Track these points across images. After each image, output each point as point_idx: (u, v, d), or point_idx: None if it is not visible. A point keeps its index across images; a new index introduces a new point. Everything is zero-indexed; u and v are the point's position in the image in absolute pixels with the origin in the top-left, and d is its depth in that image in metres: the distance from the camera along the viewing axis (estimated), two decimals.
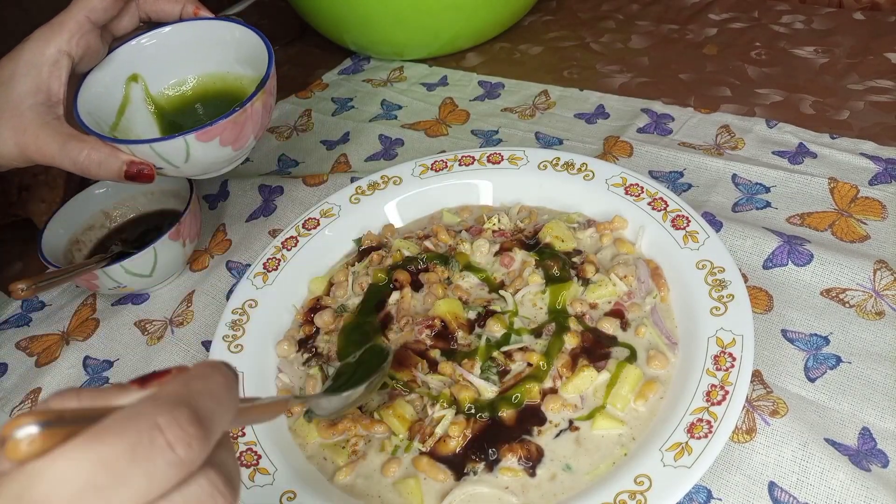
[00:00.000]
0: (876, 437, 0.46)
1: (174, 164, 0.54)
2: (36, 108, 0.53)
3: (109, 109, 0.59)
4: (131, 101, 0.60)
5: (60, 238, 0.69)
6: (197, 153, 0.53)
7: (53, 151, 0.53)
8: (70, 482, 0.22)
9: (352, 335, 0.56)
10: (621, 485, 0.43)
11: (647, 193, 0.60)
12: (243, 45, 0.59)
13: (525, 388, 0.50)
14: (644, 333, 0.53)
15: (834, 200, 0.62)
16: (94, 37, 0.56)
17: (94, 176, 0.54)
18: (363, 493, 0.48)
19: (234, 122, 0.53)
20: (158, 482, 0.23)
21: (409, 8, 0.85)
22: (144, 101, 0.61)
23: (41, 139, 0.52)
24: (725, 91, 0.78)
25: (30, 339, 0.69)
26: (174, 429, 0.24)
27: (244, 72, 0.61)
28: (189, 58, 0.61)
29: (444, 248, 0.62)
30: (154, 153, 0.53)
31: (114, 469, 0.22)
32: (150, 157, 0.53)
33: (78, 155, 0.52)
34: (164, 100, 0.61)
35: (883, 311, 0.53)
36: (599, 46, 0.90)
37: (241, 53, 0.60)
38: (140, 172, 0.54)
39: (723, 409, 0.44)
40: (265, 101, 0.55)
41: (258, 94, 0.54)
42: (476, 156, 0.68)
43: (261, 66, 0.57)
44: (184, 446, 0.24)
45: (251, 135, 0.56)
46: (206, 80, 0.63)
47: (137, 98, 0.60)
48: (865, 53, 0.78)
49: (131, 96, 0.60)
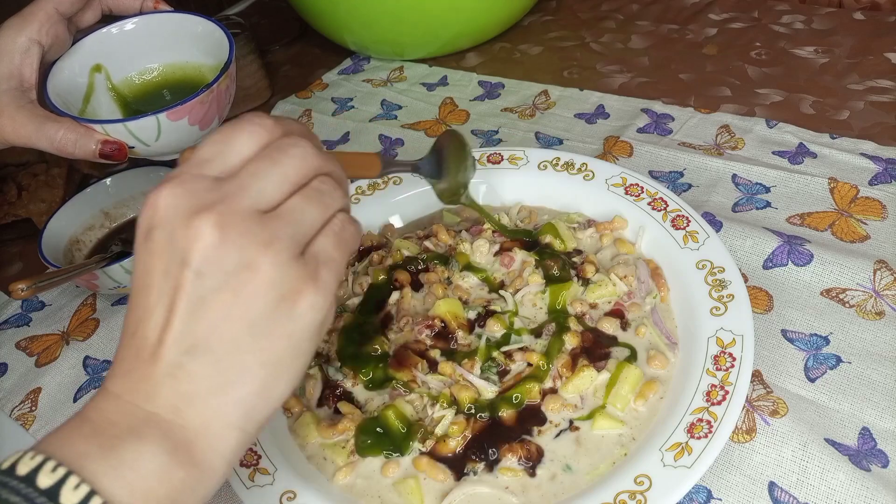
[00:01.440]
0: (876, 437, 0.46)
1: (145, 142, 0.57)
2: (10, 93, 0.55)
3: (76, 96, 0.62)
4: (95, 90, 0.63)
5: (60, 238, 0.69)
6: (167, 131, 0.56)
7: (30, 132, 0.55)
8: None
9: (352, 335, 0.56)
10: (621, 485, 0.43)
11: (647, 193, 0.60)
12: (204, 36, 0.62)
13: (525, 388, 0.50)
14: (644, 333, 0.53)
15: (834, 200, 0.62)
16: (62, 27, 0.58)
17: (70, 155, 0.56)
18: (363, 493, 0.48)
19: (200, 103, 0.56)
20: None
21: (409, 8, 0.85)
22: (107, 89, 0.64)
23: (17, 121, 0.55)
24: (725, 91, 0.78)
25: (30, 339, 0.69)
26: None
27: (205, 61, 0.64)
28: (152, 48, 0.64)
29: (444, 248, 0.62)
30: (127, 132, 0.56)
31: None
32: (123, 135, 0.56)
33: (55, 134, 0.55)
34: (127, 88, 0.65)
35: (883, 311, 0.53)
36: (599, 46, 0.90)
37: (203, 44, 0.63)
38: (113, 151, 0.56)
39: (723, 409, 0.44)
40: (228, 85, 0.59)
41: (222, 76, 0.58)
42: (476, 156, 0.68)
43: (221, 54, 0.60)
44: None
45: (216, 115, 0.60)
46: (168, 70, 0.65)
47: (101, 86, 0.63)
48: (865, 53, 0.78)
49: (95, 85, 0.63)
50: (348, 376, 0.54)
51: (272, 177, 0.33)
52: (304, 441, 0.52)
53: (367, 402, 0.53)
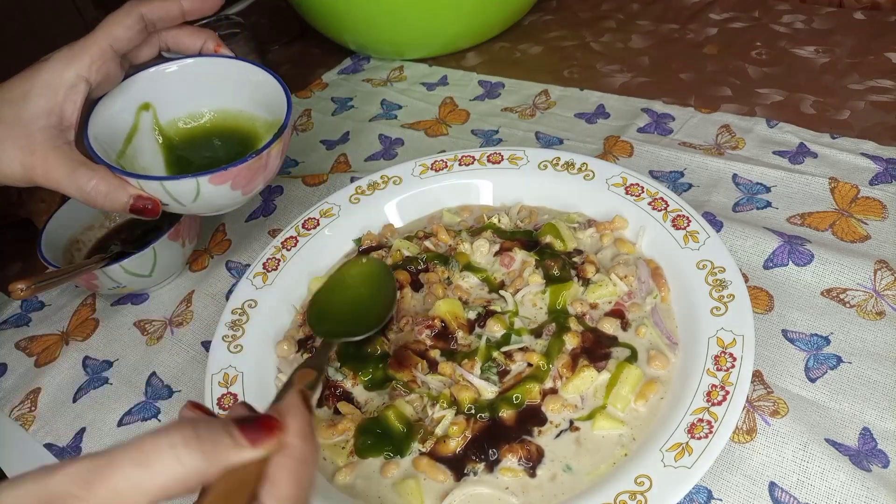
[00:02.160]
0: (876, 438, 0.46)
1: (182, 202, 0.54)
2: (48, 131, 0.53)
3: (118, 136, 0.59)
4: (139, 130, 0.60)
5: (60, 238, 0.69)
6: (206, 194, 0.53)
7: (61, 176, 0.52)
8: None
9: None
10: (622, 485, 0.43)
11: (647, 193, 0.60)
12: (261, 88, 0.59)
13: (525, 388, 0.50)
14: (644, 333, 0.53)
15: (834, 200, 0.62)
16: (115, 64, 0.56)
17: (98, 206, 0.54)
18: (363, 494, 0.48)
19: (248, 168, 0.53)
20: None
21: (409, 8, 0.85)
22: (153, 130, 0.61)
23: (49, 162, 0.52)
24: (726, 91, 0.78)
25: (29, 339, 0.69)
26: None
27: (259, 113, 0.61)
28: (205, 92, 0.61)
29: (444, 248, 0.62)
30: (164, 190, 0.53)
31: None
32: (158, 193, 0.53)
33: (86, 184, 0.52)
34: (174, 131, 0.61)
35: (883, 311, 0.53)
36: (600, 46, 0.90)
37: (258, 96, 0.60)
38: (145, 208, 0.54)
39: (723, 409, 0.44)
40: (280, 150, 0.55)
41: (275, 142, 0.54)
42: (476, 156, 0.68)
43: (276, 110, 0.57)
44: None
45: (261, 181, 0.56)
46: (219, 117, 0.62)
47: (146, 127, 0.60)
48: (866, 53, 0.77)
49: (140, 125, 0.60)
50: (348, 376, 0.54)
51: None
52: None
53: (367, 402, 0.53)
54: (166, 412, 0.59)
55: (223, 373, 0.55)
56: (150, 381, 0.62)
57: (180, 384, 0.61)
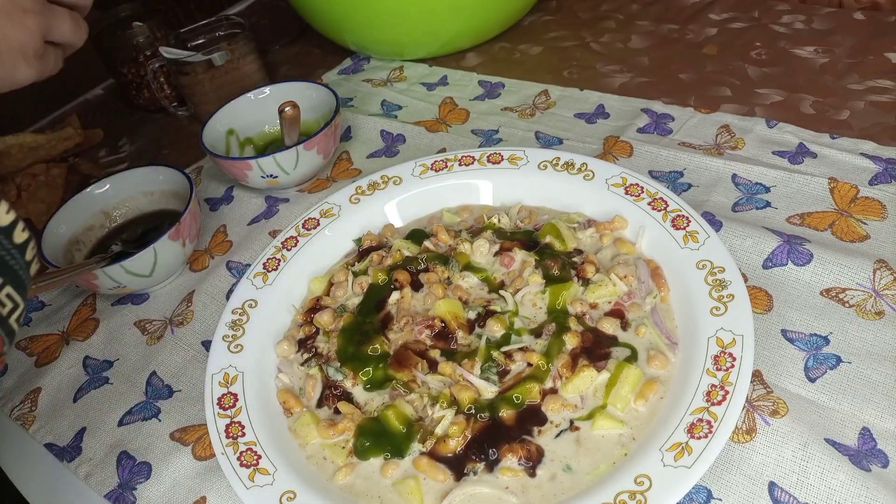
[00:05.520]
0: (876, 437, 0.46)
1: (286, 170, 0.73)
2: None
3: (220, 150, 0.79)
4: (230, 147, 0.81)
5: (60, 238, 0.69)
6: (303, 160, 0.73)
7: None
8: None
9: (352, 335, 0.56)
10: (621, 485, 0.43)
11: (647, 193, 0.60)
12: (315, 96, 0.79)
13: (525, 388, 0.50)
14: (644, 333, 0.53)
15: (834, 200, 0.62)
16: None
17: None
18: (363, 494, 0.48)
19: (325, 136, 0.73)
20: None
21: (409, 8, 0.85)
22: (238, 145, 0.82)
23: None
24: (725, 91, 0.78)
25: (29, 339, 0.69)
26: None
27: (312, 116, 0.79)
28: (273, 111, 0.78)
29: (444, 248, 0.62)
30: (275, 162, 0.71)
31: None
32: (271, 166, 0.71)
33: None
34: (254, 139, 0.83)
35: (883, 311, 0.53)
36: (599, 46, 0.90)
37: (311, 103, 0.78)
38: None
39: (723, 409, 0.44)
40: (339, 124, 0.76)
41: (337, 115, 0.74)
42: (476, 156, 0.68)
43: (326, 110, 0.77)
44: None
45: (333, 147, 0.76)
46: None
47: (234, 144, 0.81)
48: (865, 53, 0.78)
49: (230, 143, 0.81)
50: (348, 376, 0.54)
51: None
52: (304, 441, 0.52)
53: (367, 402, 0.53)
54: (166, 412, 0.59)
55: (223, 372, 0.55)
56: (151, 380, 0.62)
57: (180, 384, 0.61)
